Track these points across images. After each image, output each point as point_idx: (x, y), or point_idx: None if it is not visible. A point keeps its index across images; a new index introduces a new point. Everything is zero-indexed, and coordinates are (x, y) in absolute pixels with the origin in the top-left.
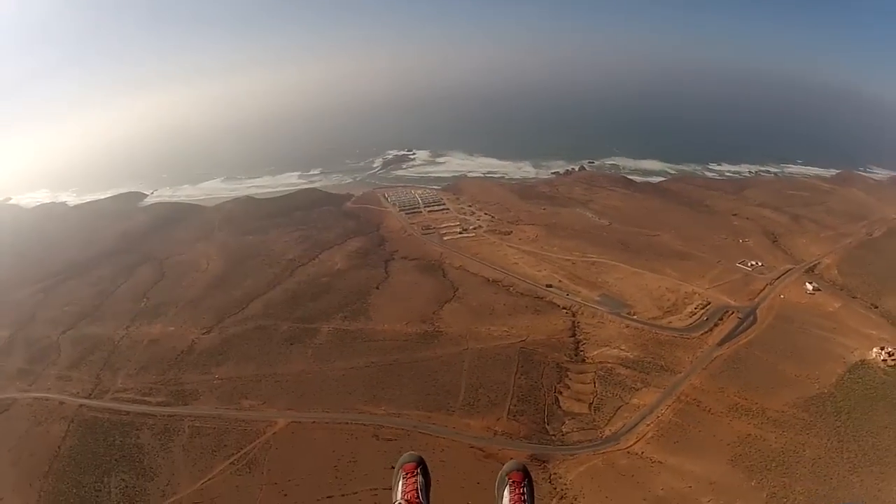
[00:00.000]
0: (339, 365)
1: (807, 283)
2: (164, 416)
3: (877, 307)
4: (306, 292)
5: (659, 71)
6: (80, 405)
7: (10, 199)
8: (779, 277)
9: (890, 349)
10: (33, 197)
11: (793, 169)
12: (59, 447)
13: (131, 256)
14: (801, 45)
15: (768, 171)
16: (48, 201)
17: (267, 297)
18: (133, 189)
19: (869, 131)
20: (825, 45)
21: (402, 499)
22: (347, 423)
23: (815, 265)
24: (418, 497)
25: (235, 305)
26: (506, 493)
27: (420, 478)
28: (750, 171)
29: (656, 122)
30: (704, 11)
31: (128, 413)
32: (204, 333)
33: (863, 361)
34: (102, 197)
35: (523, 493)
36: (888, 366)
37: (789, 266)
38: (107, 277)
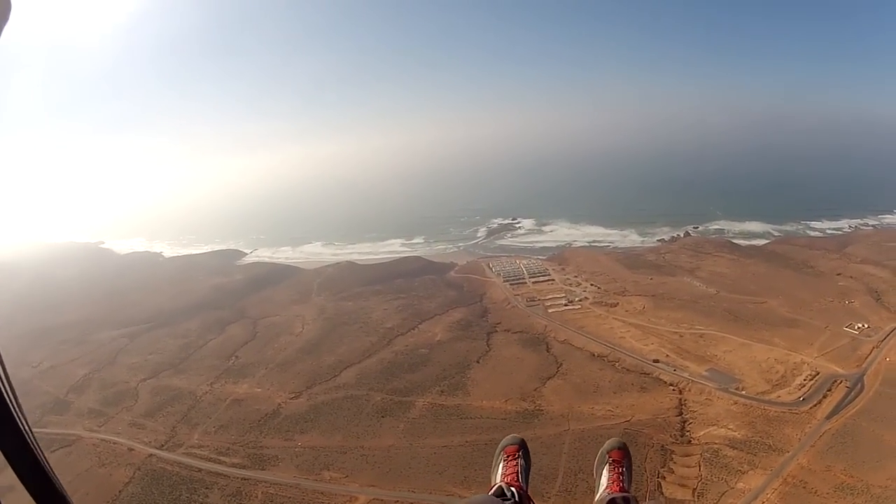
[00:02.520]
0: (431, 442)
1: None
2: (238, 478)
3: None
4: (403, 363)
5: (753, 127)
6: (150, 454)
7: (104, 242)
8: (885, 339)
9: None
10: (128, 244)
11: (890, 219)
12: (119, 492)
13: (224, 313)
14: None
15: (867, 224)
16: (143, 250)
17: (361, 366)
18: (232, 247)
19: None
20: None
21: (502, 481)
22: None
23: None
24: (518, 479)
25: (327, 372)
26: (605, 471)
27: (521, 461)
28: (850, 226)
29: (755, 181)
30: (786, 65)
31: (200, 470)
32: (291, 398)
33: None
34: (200, 252)
35: (622, 472)
36: None
37: (894, 325)
38: (196, 331)
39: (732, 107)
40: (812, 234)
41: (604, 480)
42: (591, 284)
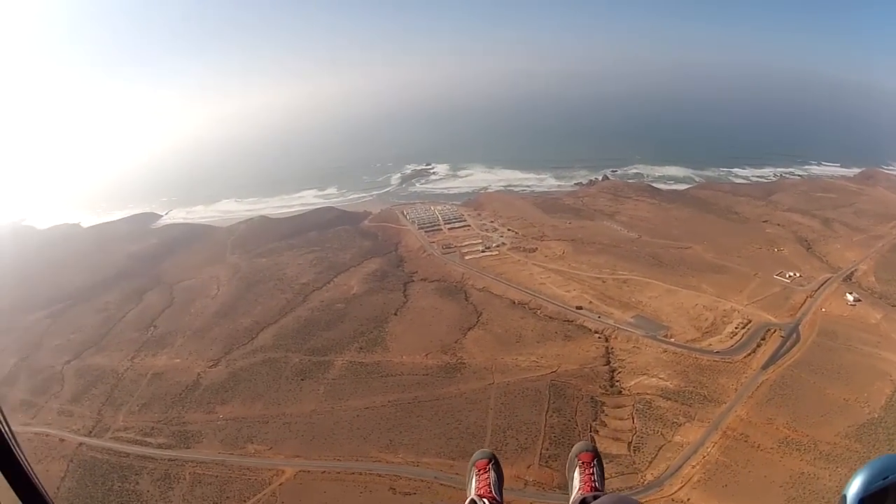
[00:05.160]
0: (353, 404)
1: (847, 294)
2: (164, 459)
3: None
4: (320, 320)
5: (675, 75)
6: (80, 443)
7: (24, 219)
8: (818, 288)
9: None
10: (49, 217)
11: (816, 170)
12: (57, 488)
13: (141, 281)
14: (815, 43)
15: (793, 174)
16: (62, 222)
17: (278, 326)
18: (147, 210)
19: (888, 126)
20: (840, 41)
21: (475, 494)
22: (361, 472)
23: (852, 272)
24: (491, 492)
25: (244, 335)
26: (576, 474)
27: (492, 473)
28: (775, 175)
29: (676, 127)
30: (721, 15)
31: (128, 455)
32: (210, 367)
33: None
34: (116, 218)
35: (593, 474)
36: None
37: (827, 275)
38: (115, 303)
39: (657, 57)
40: (736, 181)
41: (576, 482)
42: (508, 230)
